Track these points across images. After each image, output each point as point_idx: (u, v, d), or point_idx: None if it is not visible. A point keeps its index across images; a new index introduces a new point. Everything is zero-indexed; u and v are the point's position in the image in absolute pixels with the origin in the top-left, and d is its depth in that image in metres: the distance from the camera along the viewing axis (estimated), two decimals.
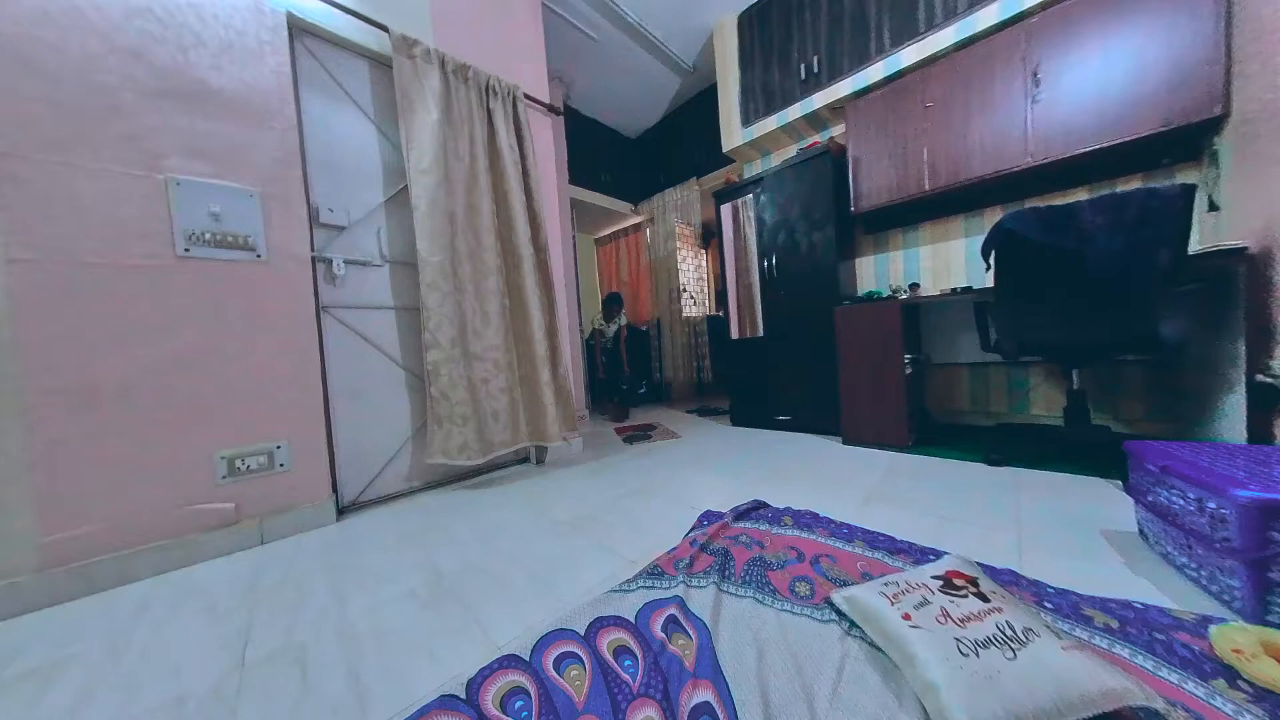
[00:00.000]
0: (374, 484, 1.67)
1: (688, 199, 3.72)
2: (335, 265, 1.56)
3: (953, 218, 2.12)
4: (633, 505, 1.45)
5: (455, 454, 1.72)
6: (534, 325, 1.96)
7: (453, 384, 1.71)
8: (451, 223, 1.78)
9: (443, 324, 1.70)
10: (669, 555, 0.96)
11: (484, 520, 1.43)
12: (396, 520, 1.49)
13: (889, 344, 1.85)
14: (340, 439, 1.59)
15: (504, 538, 1.27)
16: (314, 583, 1.09)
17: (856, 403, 1.97)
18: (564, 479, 1.84)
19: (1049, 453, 1.59)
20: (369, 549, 1.27)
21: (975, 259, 2.07)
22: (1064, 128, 1.61)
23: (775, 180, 2.36)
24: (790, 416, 2.37)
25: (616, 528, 1.27)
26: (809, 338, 2.26)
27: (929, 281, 2.22)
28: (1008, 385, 2.04)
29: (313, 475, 1.47)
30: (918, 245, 2.25)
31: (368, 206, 1.68)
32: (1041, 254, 1.30)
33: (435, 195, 1.70)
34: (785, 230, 2.33)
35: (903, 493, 1.39)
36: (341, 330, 1.60)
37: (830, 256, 2.16)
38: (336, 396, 1.58)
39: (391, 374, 1.73)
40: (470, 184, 1.86)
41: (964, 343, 2.11)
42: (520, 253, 1.95)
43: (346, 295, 1.62)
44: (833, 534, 1.00)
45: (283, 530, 1.40)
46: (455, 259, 1.79)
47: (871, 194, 2.13)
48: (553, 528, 1.31)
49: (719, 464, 1.89)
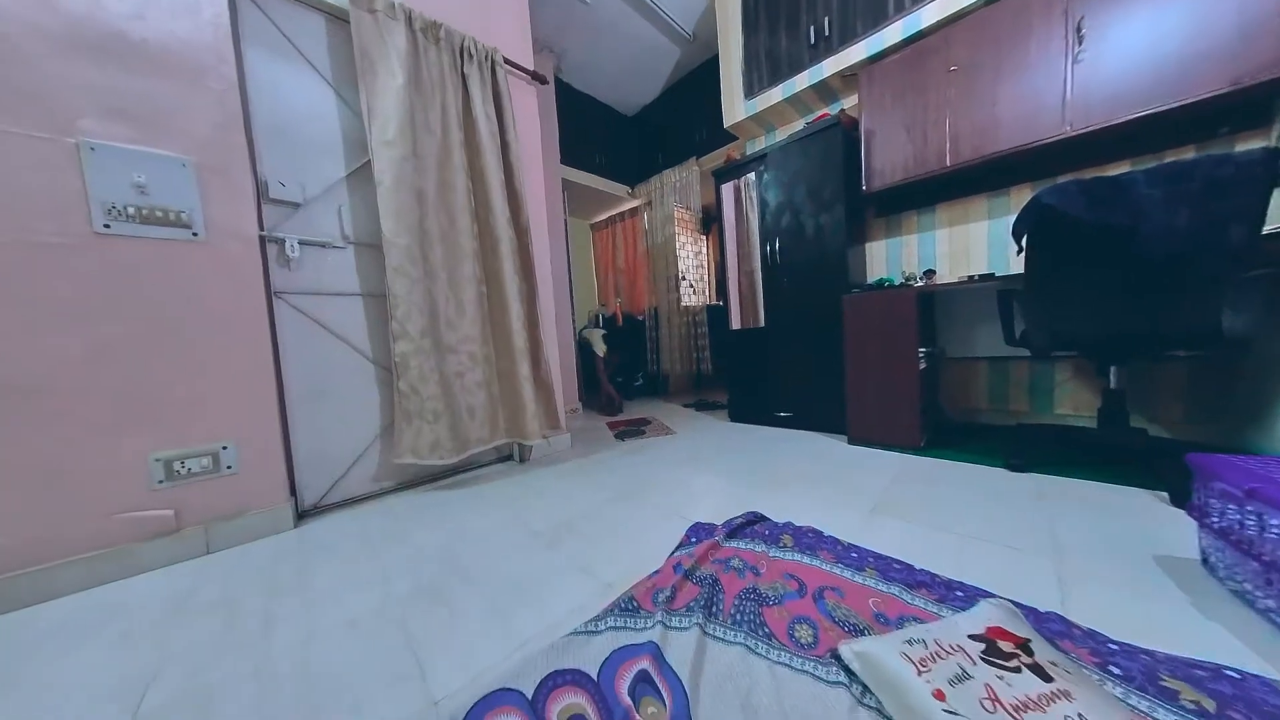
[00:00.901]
0: (339, 486, 1.54)
1: (687, 180, 3.52)
2: (288, 246, 1.41)
3: (974, 198, 1.93)
4: (617, 512, 1.32)
5: (426, 453, 1.58)
6: (512, 315, 1.80)
7: (423, 378, 1.57)
8: (420, 201, 1.61)
9: (411, 313, 1.55)
10: (649, 583, 0.82)
11: (452, 528, 1.30)
12: (359, 527, 1.36)
13: (902, 335, 1.68)
14: (299, 438, 1.45)
15: (470, 551, 1.14)
16: (249, 603, 0.96)
17: (864, 399, 1.81)
18: (546, 479, 1.71)
19: (1078, 458, 1.44)
20: (321, 562, 1.15)
21: (998, 243, 1.89)
22: (1110, 91, 1.42)
23: (780, 157, 2.17)
24: (792, 413, 2.22)
25: (596, 541, 1.14)
26: (814, 328, 2.10)
27: (946, 268, 2.05)
28: (1030, 382, 1.88)
29: (265, 478, 1.34)
30: (934, 229, 2.07)
31: (326, 181, 1.52)
32: (1085, 233, 1.13)
33: (401, 170, 1.54)
34: (790, 212, 2.15)
35: (915, 502, 1.24)
36: (298, 319, 1.46)
37: (839, 240, 1.98)
38: (294, 392, 1.44)
39: (358, 366, 1.59)
40: (443, 159, 1.69)
41: (983, 335, 1.94)
42: (498, 235, 1.79)
43: (303, 280, 1.47)
44: (839, 559, 0.86)
45: (232, 538, 1.27)
46: (425, 241, 1.63)
47: (885, 171, 1.95)
48: (526, 540, 1.18)
49: (714, 464, 1.75)
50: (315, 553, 1.20)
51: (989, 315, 1.90)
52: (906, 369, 1.69)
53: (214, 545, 1.24)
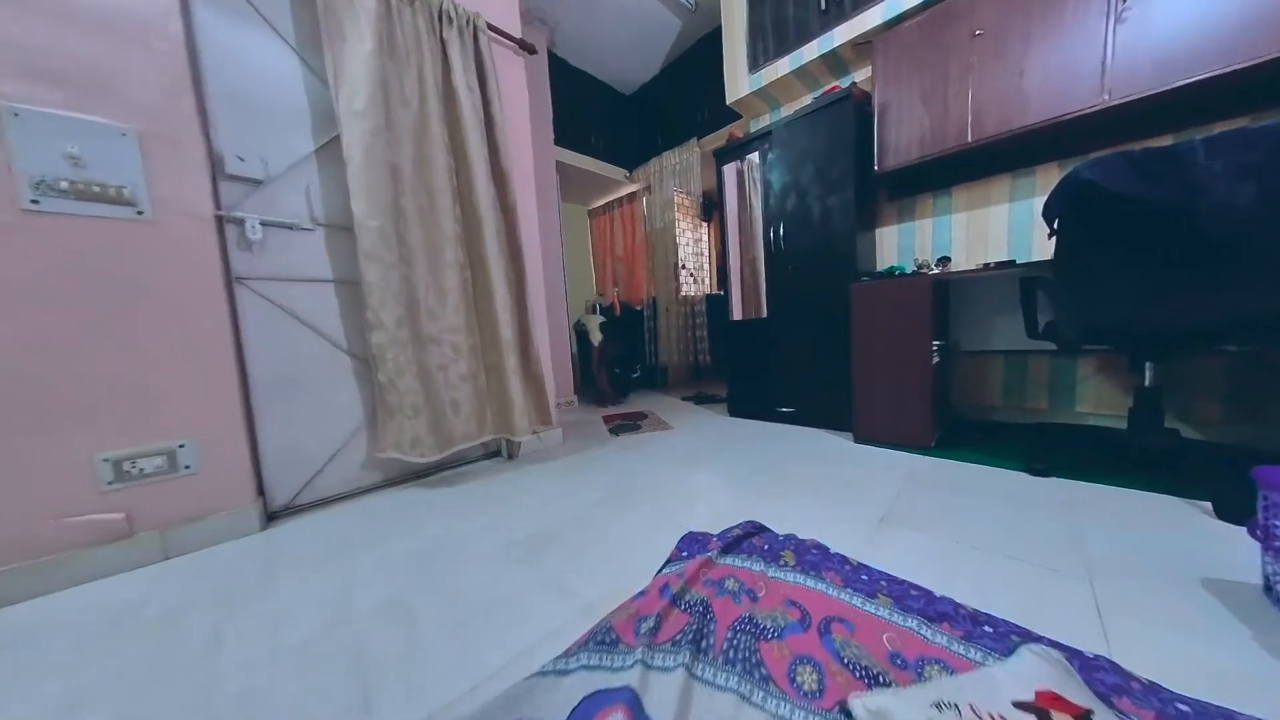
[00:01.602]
0: (313, 484, 1.46)
1: (687, 163, 3.35)
2: (249, 227, 1.29)
3: (996, 178, 1.79)
4: (605, 518, 1.22)
5: (409, 449, 1.49)
6: (498, 304, 1.69)
7: (400, 370, 1.47)
8: (395, 179, 1.49)
9: (386, 301, 1.44)
10: (632, 608, 0.73)
11: (428, 533, 1.21)
12: (331, 530, 1.28)
13: (915, 327, 1.57)
14: (267, 435, 1.36)
15: (442, 561, 1.05)
16: (200, 618, 0.88)
17: (872, 395, 1.70)
18: (534, 478, 1.62)
19: (1105, 461, 1.33)
20: (284, 570, 1.06)
21: (1020, 228, 1.75)
22: (1157, 54, 1.27)
23: (785, 134, 2.02)
24: (794, 408, 2.12)
25: (579, 552, 1.04)
26: (819, 319, 1.98)
27: (961, 255, 1.91)
28: (1051, 378, 1.76)
29: (229, 477, 1.25)
30: (950, 212, 1.93)
31: (292, 156, 1.40)
32: (1129, 212, 1.00)
33: (372, 145, 1.41)
34: (795, 194, 2.01)
35: (928, 510, 1.14)
36: (263, 307, 1.35)
37: (848, 225, 1.85)
38: (260, 385, 1.34)
39: (331, 358, 1.49)
40: (420, 132, 1.56)
41: (1001, 327, 1.82)
42: (482, 217, 1.67)
43: (267, 264, 1.36)
44: (847, 581, 0.76)
45: (192, 542, 1.19)
46: (402, 223, 1.51)
47: (900, 149, 1.80)
48: (504, 549, 1.09)
49: (711, 464, 1.65)
50: (279, 560, 1.12)
51: (1008, 306, 1.77)
52: (918, 363, 1.58)
53: (172, 550, 1.16)
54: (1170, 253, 0.98)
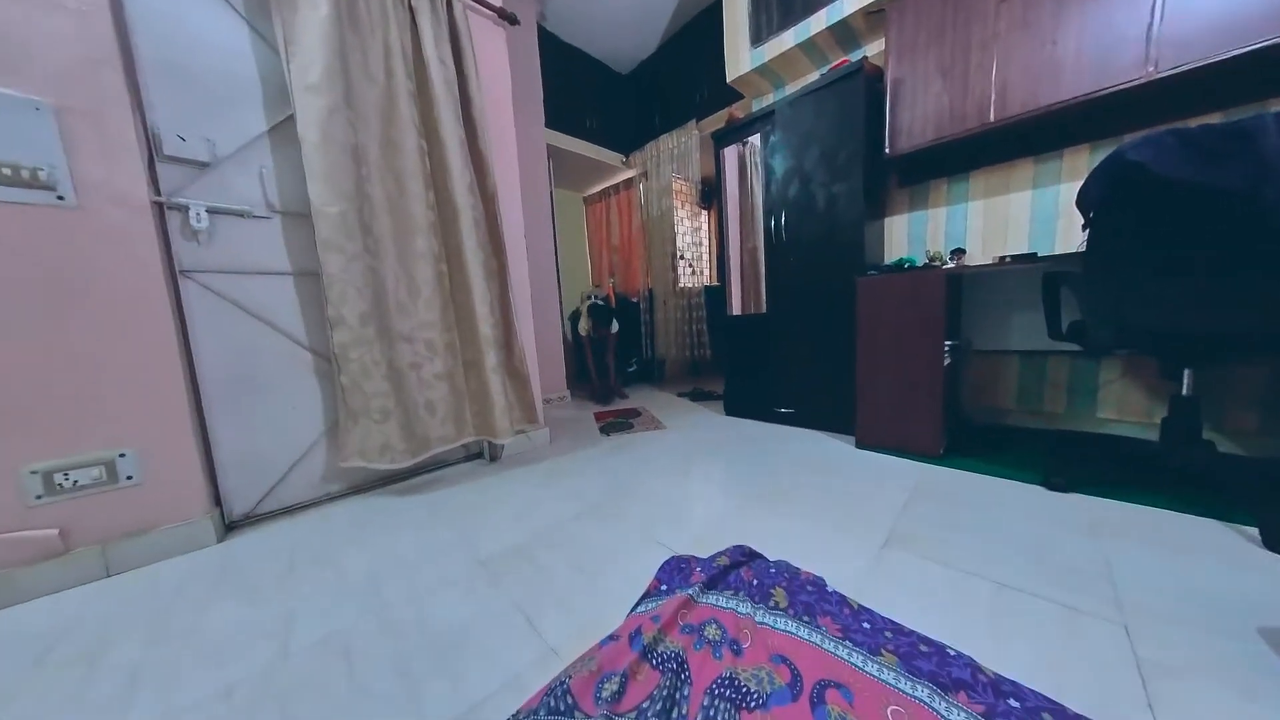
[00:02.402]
0: (276, 492, 1.36)
1: (686, 147, 3.18)
2: (193, 215, 1.18)
3: (1018, 162, 1.64)
4: (583, 533, 1.13)
5: (375, 456, 1.39)
6: (476, 296, 1.57)
7: (365, 371, 1.36)
8: (358, 162, 1.36)
9: (348, 295, 1.32)
10: (595, 661, 0.63)
11: (391, 548, 1.12)
12: (289, 542, 1.19)
13: (927, 325, 1.44)
14: (223, 440, 1.26)
15: (401, 582, 0.95)
16: (119, 654, 0.79)
17: (877, 397, 1.59)
18: (514, 484, 1.52)
19: (1132, 476, 1.22)
20: (229, 591, 0.97)
21: (1043, 217, 1.61)
22: (1215, 16, 1.12)
23: (790, 114, 1.86)
24: (793, 409, 2.01)
25: (550, 576, 0.95)
26: (821, 315, 1.85)
27: (977, 247, 1.77)
28: (1070, 381, 1.64)
29: (178, 488, 1.16)
30: (966, 200, 1.78)
31: (243, 136, 1.27)
32: (1182, 199, 0.87)
33: (330, 124, 1.28)
34: (799, 180, 1.87)
35: (937, 532, 1.04)
36: (213, 302, 1.24)
37: (855, 213, 1.71)
38: (213, 387, 1.24)
39: (293, 356, 1.38)
40: (388, 111, 1.43)
41: (1017, 325, 1.69)
42: (458, 204, 1.54)
43: (217, 256, 1.24)
44: (846, 630, 0.66)
45: (139, 557, 1.10)
46: (367, 210, 1.39)
47: (915, 129, 1.65)
48: (469, 569, 0.99)
49: (705, 470, 1.55)
50: (228, 578, 1.03)
51: (1027, 303, 1.64)
52: (929, 364, 1.46)
53: (115, 567, 1.07)
54: (1229, 247, 0.85)
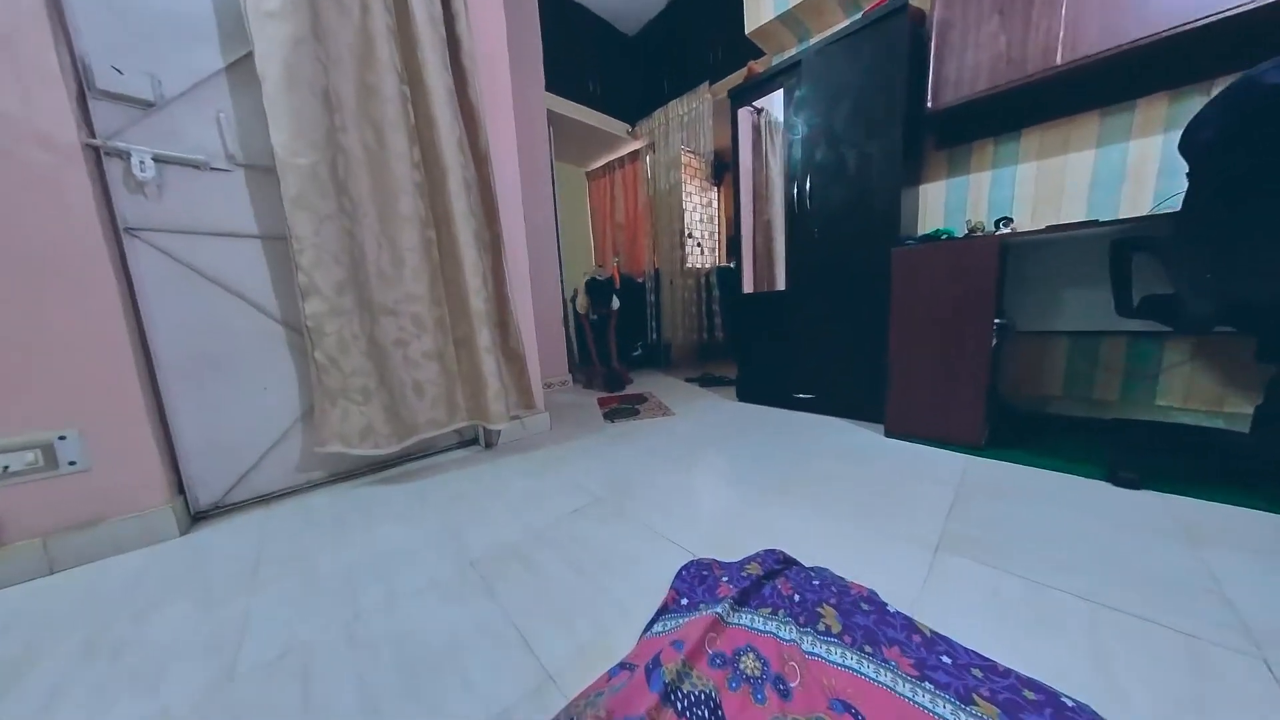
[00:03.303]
0: (249, 479, 1.24)
1: (696, 113, 2.96)
2: (136, 164, 1.02)
3: (1081, 117, 1.44)
4: (585, 531, 0.99)
5: (357, 441, 1.26)
6: (466, 269, 1.41)
7: (343, 346, 1.22)
8: (330, 107, 1.19)
9: (322, 260, 1.17)
10: (603, 703, 0.50)
11: (371, 544, 0.99)
12: (259, 536, 1.07)
13: (975, 301, 1.28)
14: (184, 421, 1.13)
15: (376, 588, 0.83)
16: (38, 674, 0.67)
17: (912, 381, 1.43)
18: (510, 473, 1.39)
19: (1213, 470, 1.06)
20: (182, 593, 0.85)
21: (1106, 180, 1.42)
22: None
23: (819, 64, 1.66)
24: (814, 394, 1.85)
25: (548, 582, 0.81)
26: (848, 292, 1.68)
27: (1026, 215, 1.59)
28: (1127, 364, 1.48)
29: (133, 474, 1.03)
30: (1016, 161, 1.59)
31: (194, 74, 1.10)
32: None
33: (294, 58, 1.11)
34: (826, 140, 1.68)
35: (998, 533, 0.89)
36: (168, 267, 1.09)
37: (891, 177, 1.53)
38: (171, 363, 1.10)
39: (264, 330, 1.24)
40: (363, 51, 1.25)
41: (1069, 302, 1.52)
42: (446, 163, 1.37)
43: (169, 213, 1.09)
44: (924, 668, 0.52)
45: (88, 552, 0.98)
46: (342, 165, 1.23)
47: (963, 79, 1.45)
48: (456, 572, 0.86)
49: (718, 461, 1.41)
50: (183, 578, 0.91)
51: (1081, 278, 1.47)
52: (975, 345, 1.30)
53: (60, 563, 0.95)
54: None
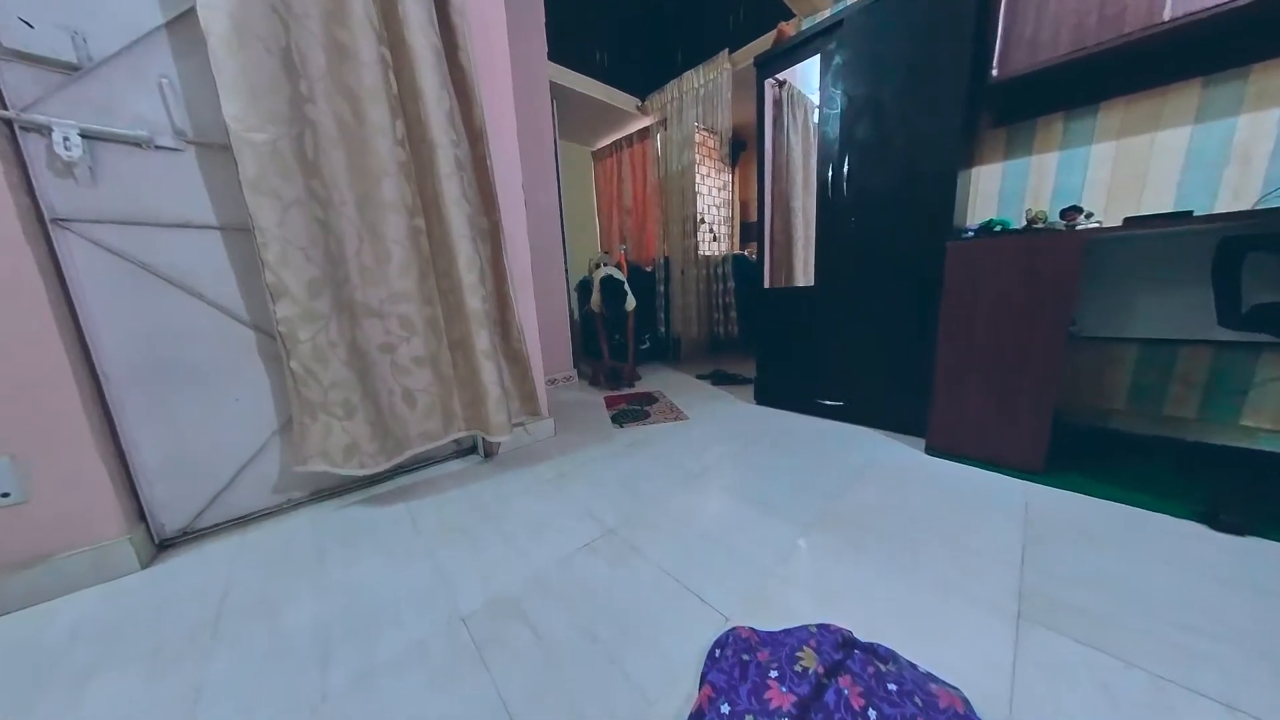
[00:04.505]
0: (224, 499, 1.11)
1: (714, 85, 2.71)
2: (58, 139, 0.85)
3: (1177, 87, 1.23)
4: (596, 576, 0.86)
5: (341, 459, 1.12)
6: (461, 263, 1.24)
7: (319, 356, 1.06)
8: (293, 71, 1.01)
9: (289, 256, 1.01)
10: None
11: (353, 589, 0.86)
12: (227, 574, 0.94)
13: (1049, 306, 1.10)
14: (141, 441, 0.99)
15: (351, 652, 0.70)
16: None
17: (963, 394, 1.27)
18: (511, 492, 1.26)
19: None
20: (124, 656, 0.73)
21: (1204, 162, 1.22)
22: None
23: (864, 24, 1.44)
24: (843, 401, 1.70)
25: (553, 654, 0.68)
26: (886, 289, 1.51)
27: (1098, 204, 1.39)
28: (1209, 378, 1.30)
29: (79, 502, 0.90)
30: (1090, 141, 1.38)
31: (128, 31, 0.92)
32: None
33: (245, 9, 0.92)
34: (871, 115, 1.47)
35: (1088, 596, 0.75)
36: (110, 264, 0.94)
37: (949, 158, 1.33)
38: (120, 375, 0.96)
39: (231, 335, 1.09)
40: (332, 6, 1.05)
41: (1145, 306, 1.34)
42: (434, 140, 1.18)
43: (107, 201, 0.93)
44: None
45: (35, 592, 0.86)
46: (310, 141, 1.05)
47: (1040, 39, 1.23)
48: (448, 633, 0.73)
49: (741, 480, 1.27)
50: (133, 634, 0.79)
51: (1161, 278, 1.28)
52: (1042, 359, 1.13)
53: (2, 605, 0.84)
54: None
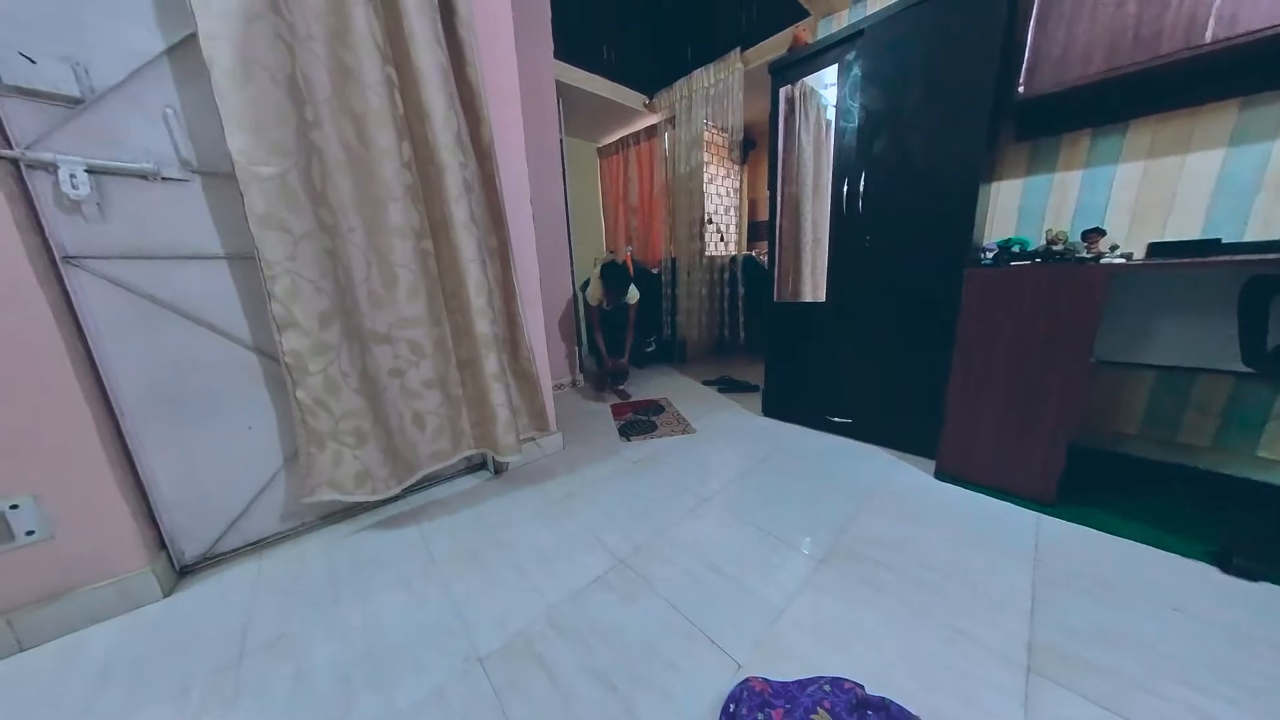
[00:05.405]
0: (238, 527, 1.13)
1: (725, 85, 2.63)
2: (64, 177, 0.84)
3: (1212, 107, 1.18)
4: (609, 615, 0.87)
5: (352, 487, 1.14)
6: (470, 287, 1.23)
7: (332, 387, 1.07)
8: (298, 98, 0.98)
9: (300, 290, 1.00)
10: None
11: (371, 627, 0.88)
12: (248, 605, 0.96)
13: (1068, 338, 1.08)
14: (159, 474, 1.01)
15: (371, 704, 0.72)
16: None
17: (974, 420, 1.26)
18: (521, 515, 1.27)
19: None
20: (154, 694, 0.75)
21: (1236, 187, 1.18)
22: None
23: (885, 34, 1.38)
24: (852, 419, 1.69)
25: (568, 701, 0.70)
26: (899, 308, 1.48)
27: (1120, 227, 1.35)
28: (1228, 407, 1.28)
29: (105, 536, 0.92)
30: (1117, 160, 1.34)
31: (130, 59, 0.90)
32: None
33: (250, 39, 0.89)
34: (890, 129, 1.42)
35: (1098, 649, 0.75)
36: (121, 300, 0.93)
37: (969, 176, 1.29)
38: (135, 409, 0.97)
39: (241, 364, 1.09)
40: (336, 22, 1.02)
41: (1165, 333, 1.31)
42: (443, 162, 1.16)
43: (116, 236, 0.92)
44: None
45: (62, 624, 0.89)
46: (318, 171, 1.03)
47: (1071, 57, 1.18)
48: (466, 678, 0.75)
49: (749, 504, 1.27)
50: (160, 664, 0.81)
51: (1183, 307, 1.25)
52: (1058, 391, 1.11)
53: (30, 639, 0.86)
54: None
